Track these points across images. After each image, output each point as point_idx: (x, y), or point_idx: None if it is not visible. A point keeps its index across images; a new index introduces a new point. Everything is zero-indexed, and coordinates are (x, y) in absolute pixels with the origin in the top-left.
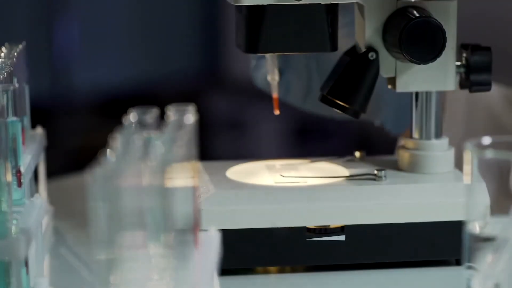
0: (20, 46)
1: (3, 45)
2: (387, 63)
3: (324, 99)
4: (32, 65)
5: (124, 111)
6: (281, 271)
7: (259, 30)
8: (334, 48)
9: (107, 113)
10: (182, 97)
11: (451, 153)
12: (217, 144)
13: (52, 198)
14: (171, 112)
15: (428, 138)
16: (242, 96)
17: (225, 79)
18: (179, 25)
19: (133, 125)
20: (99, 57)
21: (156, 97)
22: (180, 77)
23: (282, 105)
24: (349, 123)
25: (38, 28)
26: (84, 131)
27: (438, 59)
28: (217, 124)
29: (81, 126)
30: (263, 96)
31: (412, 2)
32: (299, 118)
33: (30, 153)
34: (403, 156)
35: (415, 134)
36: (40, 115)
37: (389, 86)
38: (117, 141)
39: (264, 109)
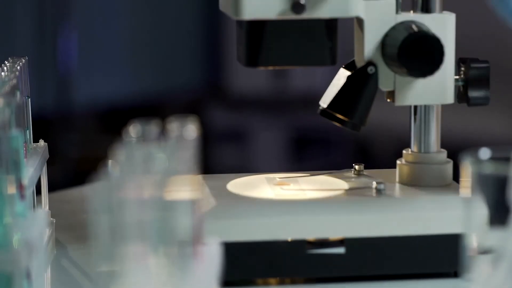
0: (23, 60)
1: (6, 59)
2: (386, 77)
3: (323, 113)
4: (34, 78)
5: (126, 124)
6: (281, 283)
7: (259, 44)
8: (333, 62)
9: (109, 126)
10: (184, 110)
11: (449, 166)
12: (218, 156)
13: (54, 211)
14: (173, 125)
15: (427, 151)
16: (243, 109)
17: (226, 92)
18: (180, 39)
19: (135, 138)
20: (101, 70)
21: (157, 110)
22: (182, 90)
23: (283, 117)
24: (349, 135)
25: (41, 42)
26: (86, 144)
27: (436, 73)
28: (218, 136)
29: (83, 138)
30: (264, 109)
31: (411, 16)
32: (299, 131)
33: (32, 166)
34: (402, 169)
35: (414, 147)
36: (42, 127)
37: (388, 100)
38: (119, 153)
39: (265, 122)
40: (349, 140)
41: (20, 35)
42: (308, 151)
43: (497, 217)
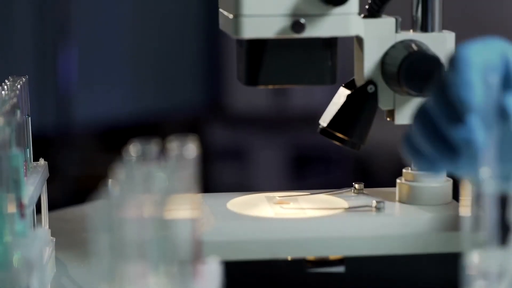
0: (23, 79)
1: (7, 78)
2: (386, 96)
3: (323, 132)
4: (35, 97)
5: (127, 143)
6: None
7: (259, 63)
8: (333, 81)
9: (109, 144)
10: (184, 128)
11: (449, 185)
12: (218, 174)
13: (54, 229)
14: (173, 144)
15: None
16: (243, 127)
17: (226, 110)
18: (181, 58)
19: (135, 157)
20: (101, 88)
21: (158, 128)
22: (182, 109)
23: (283, 135)
24: (349, 153)
25: (41, 60)
26: (86, 162)
27: None
28: (218, 154)
29: (83, 157)
30: (264, 127)
31: (410, 35)
32: (299, 149)
33: (33, 185)
34: (402, 187)
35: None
36: (42, 146)
37: (388, 119)
38: (119, 172)
39: (265, 140)
40: (349, 159)
41: (20, 54)
42: (308, 169)
43: (497, 236)
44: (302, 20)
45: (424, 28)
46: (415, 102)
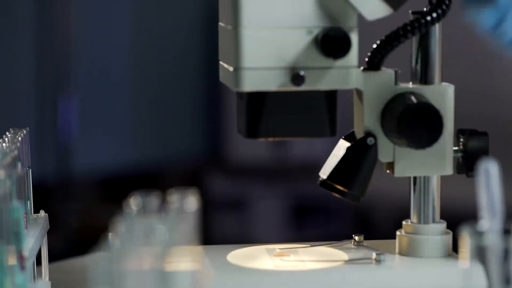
0: (24, 131)
1: (8, 130)
2: (385, 148)
3: (323, 184)
4: (35, 148)
5: (127, 193)
6: None
7: (259, 116)
8: (333, 133)
9: (109, 195)
10: (184, 179)
11: (449, 237)
12: (218, 225)
13: (54, 281)
14: (173, 197)
15: (426, 222)
16: (243, 178)
17: (226, 161)
18: (181, 109)
19: (135, 210)
20: (101, 139)
21: (158, 178)
22: (182, 159)
23: (283, 186)
24: (349, 205)
25: (41, 112)
26: (86, 213)
27: (436, 144)
28: (218, 205)
29: (83, 207)
30: (264, 178)
31: (410, 87)
32: (299, 200)
33: (33, 237)
34: (402, 240)
35: (414, 218)
36: (42, 197)
37: (388, 171)
38: (119, 225)
39: (265, 191)
40: (349, 210)
41: (21, 106)
42: (308, 220)
43: None
44: (302, 73)
45: (424, 80)
46: (414, 154)
